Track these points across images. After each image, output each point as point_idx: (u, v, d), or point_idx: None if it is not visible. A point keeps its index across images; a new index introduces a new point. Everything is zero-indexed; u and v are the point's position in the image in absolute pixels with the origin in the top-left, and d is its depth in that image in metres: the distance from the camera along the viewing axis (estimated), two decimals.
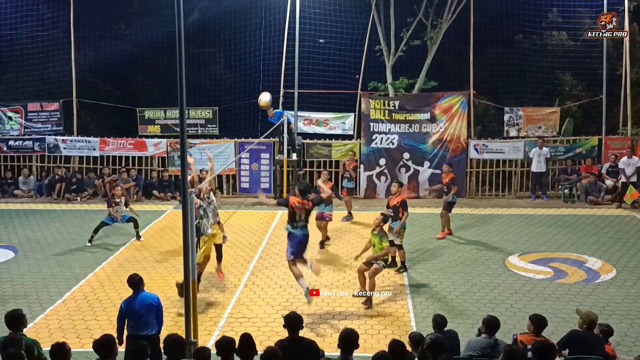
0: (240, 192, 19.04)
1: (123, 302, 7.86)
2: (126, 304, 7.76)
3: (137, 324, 7.63)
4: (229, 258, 13.01)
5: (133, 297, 7.79)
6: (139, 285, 7.89)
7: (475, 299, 10.69)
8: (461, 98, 18.38)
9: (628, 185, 16.87)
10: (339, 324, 9.61)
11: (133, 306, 7.69)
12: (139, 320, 7.64)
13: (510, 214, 16.66)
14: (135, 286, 7.87)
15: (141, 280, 7.96)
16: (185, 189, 7.86)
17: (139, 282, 7.90)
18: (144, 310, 7.67)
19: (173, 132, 19.43)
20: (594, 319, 7.20)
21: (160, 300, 7.95)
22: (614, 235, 14.37)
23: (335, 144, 18.93)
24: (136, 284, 7.88)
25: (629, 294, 10.87)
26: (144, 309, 7.67)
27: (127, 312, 7.70)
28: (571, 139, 18.94)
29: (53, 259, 12.99)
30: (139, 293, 7.82)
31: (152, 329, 7.68)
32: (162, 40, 18.80)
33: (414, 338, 6.89)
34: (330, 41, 19.63)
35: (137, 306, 7.68)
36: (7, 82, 20.89)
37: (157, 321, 7.81)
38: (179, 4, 7.28)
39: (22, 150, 19.63)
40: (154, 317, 7.74)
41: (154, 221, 15.99)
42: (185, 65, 7.39)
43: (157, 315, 7.80)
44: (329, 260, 12.80)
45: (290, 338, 6.44)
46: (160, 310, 7.87)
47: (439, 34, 19.16)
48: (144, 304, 7.69)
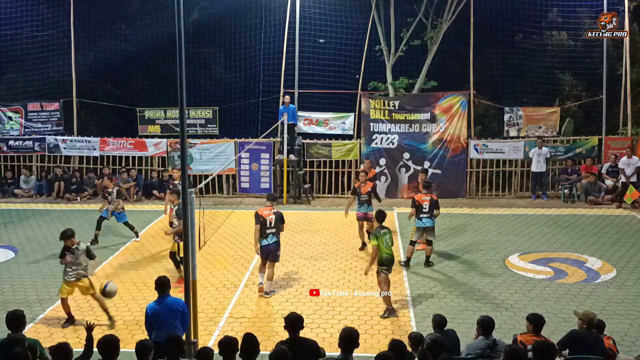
0: (240, 192, 19.04)
1: (148, 307, 7.58)
2: (151, 310, 7.48)
3: (161, 330, 7.32)
4: (229, 258, 13.02)
5: (158, 302, 7.52)
6: (166, 288, 7.57)
7: (475, 299, 10.69)
8: (461, 98, 18.39)
9: (628, 185, 16.87)
10: (339, 324, 9.61)
11: (158, 312, 7.43)
12: (164, 326, 7.35)
13: (510, 214, 16.66)
14: (161, 289, 7.55)
15: (168, 283, 7.66)
16: (185, 188, 7.86)
17: (165, 285, 7.58)
18: (169, 316, 7.42)
19: (173, 132, 19.43)
20: (592, 318, 7.20)
21: (186, 306, 7.69)
22: (614, 235, 14.37)
23: (335, 144, 18.93)
24: (163, 287, 7.55)
25: (629, 294, 10.87)
26: (169, 315, 7.41)
27: (153, 318, 7.44)
28: (571, 139, 18.94)
29: (53, 259, 12.97)
30: (165, 298, 7.54)
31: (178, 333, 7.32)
32: (162, 40, 18.81)
33: (414, 338, 6.88)
34: (330, 41, 19.63)
35: (163, 312, 7.43)
36: (7, 82, 20.90)
37: (182, 326, 7.53)
38: (179, 4, 7.29)
39: (22, 150, 19.64)
40: (179, 323, 7.49)
41: (154, 221, 15.99)
42: (185, 65, 7.40)
43: (182, 320, 7.55)
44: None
45: (291, 339, 6.42)
46: (186, 314, 7.63)
47: (439, 34, 19.16)
48: (170, 309, 7.45)
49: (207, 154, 18.99)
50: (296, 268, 12.35)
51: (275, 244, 10.89)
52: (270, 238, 10.86)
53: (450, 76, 20.22)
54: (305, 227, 15.37)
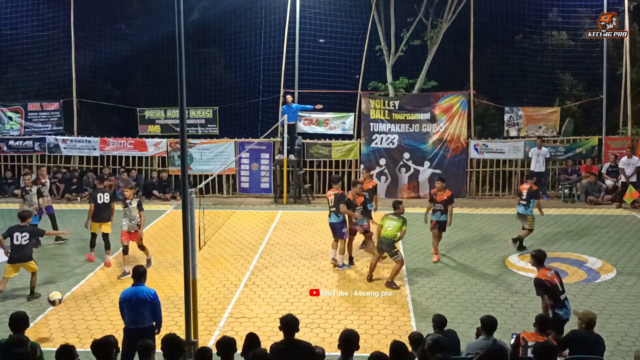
0: (240, 192, 19.04)
1: (122, 292, 7.93)
2: (123, 296, 7.84)
3: (131, 316, 7.70)
4: (229, 258, 13.02)
5: (130, 290, 7.85)
6: (141, 278, 7.92)
7: (475, 299, 10.69)
8: (461, 98, 18.39)
9: (628, 185, 16.87)
10: (339, 324, 9.62)
11: (129, 298, 7.75)
12: (133, 313, 7.69)
13: (510, 214, 16.62)
14: (137, 278, 7.90)
15: (144, 274, 7.99)
16: (185, 188, 7.86)
17: (141, 275, 7.94)
18: (138, 304, 7.70)
19: (173, 132, 19.44)
20: (592, 317, 7.19)
21: (158, 297, 7.90)
22: (614, 235, 14.37)
23: (335, 144, 18.94)
24: (138, 276, 7.91)
25: (629, 294, 10.87)
26: (138, 303, 7.70)
27: (123, 302, 7.77)
28: (571, 139, 18.94)
29: (53, 259, 13.00)
30: (138, 286, 7.85)
31: (145, 323, 7.71)
32: (162, 40, 18.82)
33: (413, 338, 6.89)
34: (330, 41, 19.63)
35: (133, 299, 7.72)
36: (7, 82, 20.91)
37: (152, 316, 7.79)
38: (179, 4, 7.29)
39: (23, 150, 19.65)
40: (148, 312, 7.74)
41: (154, 221, 15.99)
42: (185, 65, 7.40)
43: (152, 311, 7.78)
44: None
45: (286, 340, 6.38)
46: (157, 306, 7.82)
47: (439, 34, 19.16)
48: (138, 298, 7.71)
49: (207, 154, 18.99)
50: (296, 268, 12.35)
51: (337, 224, 12.00)
52: (332, 217, 12.05)
53: (450, 76, 20.23)
54: (305, 227, 15.37)
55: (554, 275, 8.27)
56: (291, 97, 18.33)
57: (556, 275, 8.32)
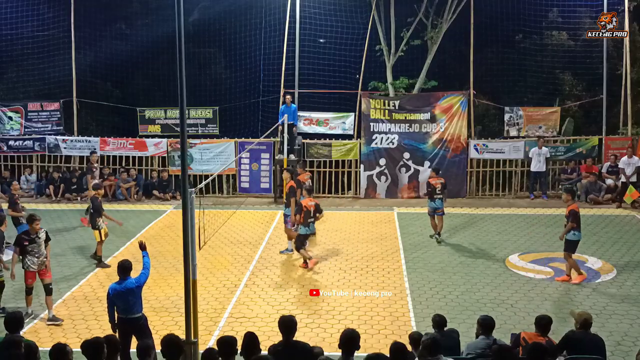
0: (240, 192, 19.04)
1: (110, 288, 8.24)
2: (112, 290, 8.14)
3: (125, 308, 8.10)
4: (230, 257, 13.03)
5: (118, 284, 8.17)
6: (128, 272, 8.25)
7: (475, 299, 10.69)
8: (461, 98, 18.39)
9: (628, 185, 16.87)
10: (339, 324, 9.62)
11: (119, 292, 8.09)
12: (126, 304, 8.09)
13: (510, 213, 16.66)
14: (124, 273, 8.21)
15: (130, 268, 8.32)
16: (185, 188, 7.86)
17: (127, 269, 8.26)
18: (129, 295, 8.09)
19: (173, 132, 19.44)
20: (587, 318, 7.16)
21: (141, 277, 8.33)
22: (614, 235, 14.37)
23: (336, 144, 18.93)
24: (125, 271, 8.23)
25: (629, 294, 10.88)
26: (129, 294, 8.09)
27: (115, 297, 8.11)
28: (571, 139, 18.94)
29: (53, 259, 12.94)
30: (125, 280, 8.18)
31: (138, 311, 8.18)
32: (162, 40, 18.82)
33: (413, 338, 6.89)
34: (330, 41, 19.63)
35: (124, 292, 8.08)
36: (7, 82, 20.90)
37: (141, 280, 8.27)
38: (179, 4, 7.28)
39: (23, 150, 19.65)
40: (139, 299, 8.17)
41: (154, 221, 16.00)
42: (185, 65, 7.39)
43: (139, 295, 8.19)
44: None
45: (285, 342, 6.36)
46: (140, 287, 8.22)
47: (439, 33, 19.15)
48: (128, 289, 8.10)
49: (207, 154, 18.99)
50: (296, 268, 12.36)
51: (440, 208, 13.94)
52: (438, 202, 13.89)
53: (450, 76, 20.22)
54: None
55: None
56: (290, 97, 18.35)
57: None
